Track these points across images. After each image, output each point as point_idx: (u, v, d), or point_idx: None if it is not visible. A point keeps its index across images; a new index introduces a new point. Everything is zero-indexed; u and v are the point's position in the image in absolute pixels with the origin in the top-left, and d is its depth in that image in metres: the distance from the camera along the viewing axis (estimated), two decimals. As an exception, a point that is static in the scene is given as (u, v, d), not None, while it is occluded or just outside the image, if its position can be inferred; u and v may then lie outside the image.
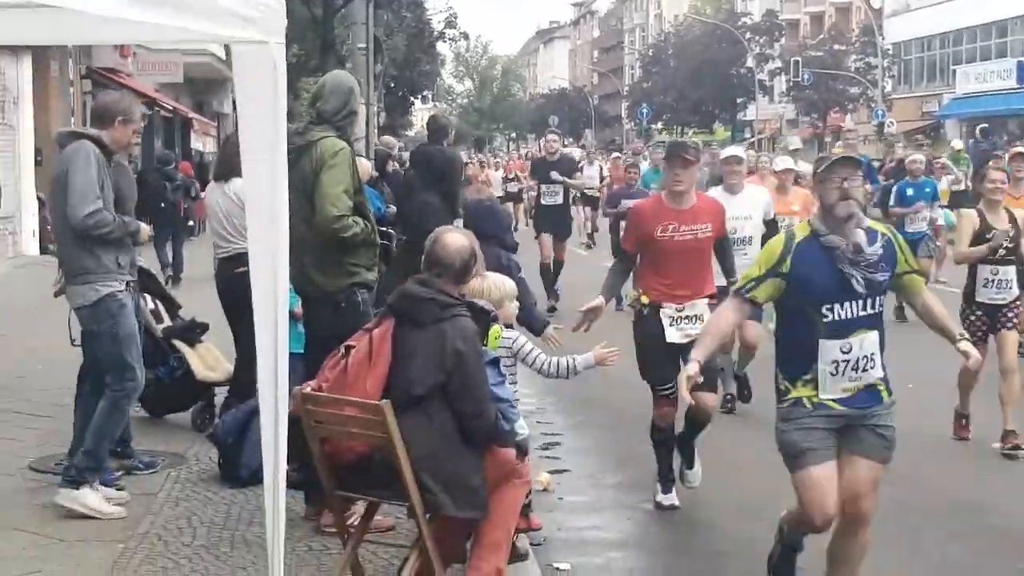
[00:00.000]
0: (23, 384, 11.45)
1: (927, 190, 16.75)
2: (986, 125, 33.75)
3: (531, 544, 7.07)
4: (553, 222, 17.21)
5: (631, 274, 10.03)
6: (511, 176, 36.33)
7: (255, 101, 5.20)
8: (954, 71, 58.97)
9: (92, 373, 8.16)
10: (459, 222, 10.54)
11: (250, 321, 5.44)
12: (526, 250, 10.84)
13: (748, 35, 71.80)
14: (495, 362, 6.59)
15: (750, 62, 69.82)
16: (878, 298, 5.89)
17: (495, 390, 6.41)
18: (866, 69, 65.72)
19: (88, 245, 7.57)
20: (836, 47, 69.42)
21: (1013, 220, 9.33)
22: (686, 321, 7.75)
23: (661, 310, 7.75)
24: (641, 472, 9.42)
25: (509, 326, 7.24)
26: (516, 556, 6.51)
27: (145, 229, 8.23)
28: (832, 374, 5.78)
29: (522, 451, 6.57)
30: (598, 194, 29.31)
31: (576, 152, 20.99)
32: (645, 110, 77.64)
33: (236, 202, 8.52)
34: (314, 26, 16.55)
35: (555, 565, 7.21)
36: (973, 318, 9.45)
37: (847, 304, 5.71)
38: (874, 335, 5.86)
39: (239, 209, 8.23)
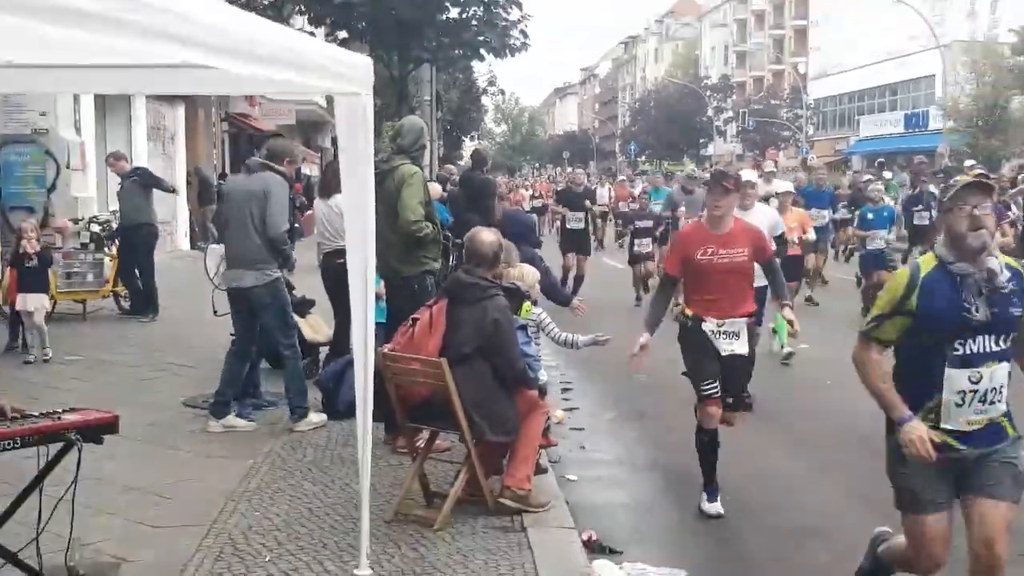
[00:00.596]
0: (178, 342, 11.54)
1: (885, 214, 15.52)
2: (883, 160, 34.18)
3: (549, 461, 7.09)
4: (577, 245, 16.29)
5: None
6: (537, 195, 35.50)
7: (351, 138, 5.20)
8: (858, 120, 59.40)
9: (241, 339, 8.30)
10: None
11: (346, 299, 5.55)
12: (550, 261, 10.72)
13: (708, 93, 72.28)
14: (523, 328, 6.76)
15: (709, 112, 70.30)
16: (1011, 333, 4.40)
17: (523, 348, 6.58)
18: (794, 118, 65.91)
19: (270, 245, 7.93)
20: (772, 102, 69.69)
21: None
22: (724, 336, 6.65)
23: (703, 323, 6.65)
24: (630, 410, 9.56)
25: (535, 302, 7.31)
26: (538, 470, 6.52)
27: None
28: (957, 405, 4.33)
29: (543, 392, 6.75)
30: (606, 209, 28.27)
31: (579, 174, 19.95)
32: (633, 147, 79.19)
33: (336, 212, 8.59)
34: (392, 83, 16.57)
35: (567, 476, 7.23)
36: None
37: (979, 338, 4.27)
38: (1004, 367, 4.42)
39: (338, 217, 8.24)
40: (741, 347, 6.64)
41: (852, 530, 6.33)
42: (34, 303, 10.26)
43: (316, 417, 8.12)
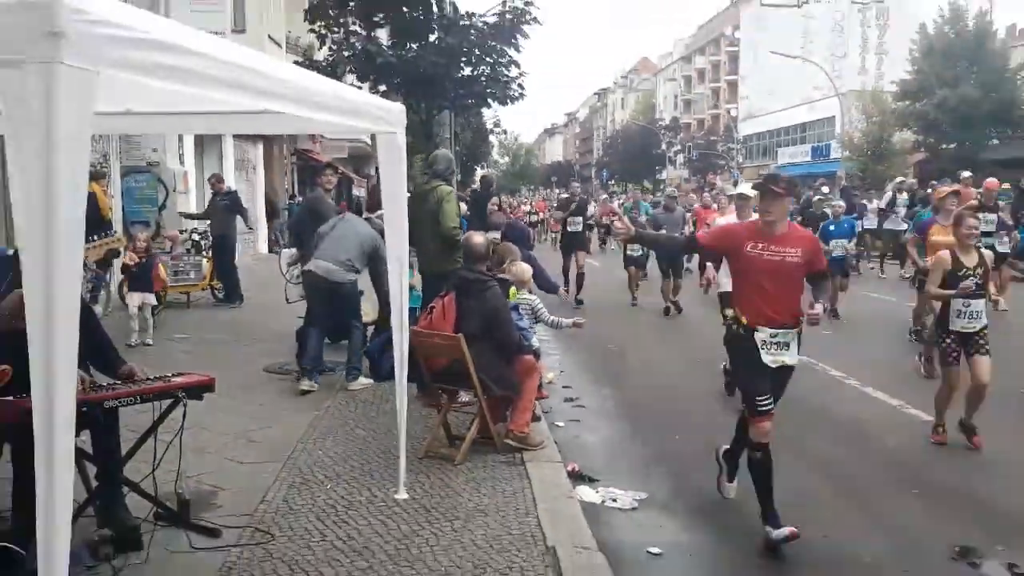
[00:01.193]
0: (258, 324, 11.53)
1: (845, 227, 13.89)
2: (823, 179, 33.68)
3: (542, 411, 7.10)
4: (577, 243, 15.41)
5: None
6: (534, 211, 35.33)
7: (389, 166, 5.21)
8: (777, 151, 59.22)
9: (316, 319, 8.37)
10: (494, 235, 10.80)
11: (386, 288, 5.62)
12: (546, 262, 10.50)
13: (662, 131, 72.18)
14: (515, 308, 6.78)
15: (663, 146, 70.16)
16: None
17: (517, 323, 6.62)
18: (728, 150, 66.03)
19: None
20: (711, 138, 69.71)
21: (982, 259, 6.87)
22: (776, 347, 5.01)
23: (755, 333, 5.00)
24: (602, 374, 9.45)
25: (531, 291, 7.28)
26: (534, 418, 6.56)
27: None
28: None
29: (536, 355, 6.74)
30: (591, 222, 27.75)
31: (576, 188, 19.12)
32: (605, 173, 79.51)
33: (378, 223, 8.68)
34: (420, 125, 16.64)
35: (555, 423, 7.24)
36: (946, 344, 6.76)
37: None
38: None
39: (381, 227, 8.36)
40: (792, 358, 5.10)
41: (780, 461, 6.39)
42: (138, 300, 10.23)
43: (364, 380, 8.12)
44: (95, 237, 6.97)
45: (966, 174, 17.24)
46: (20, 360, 4.09)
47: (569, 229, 16.06)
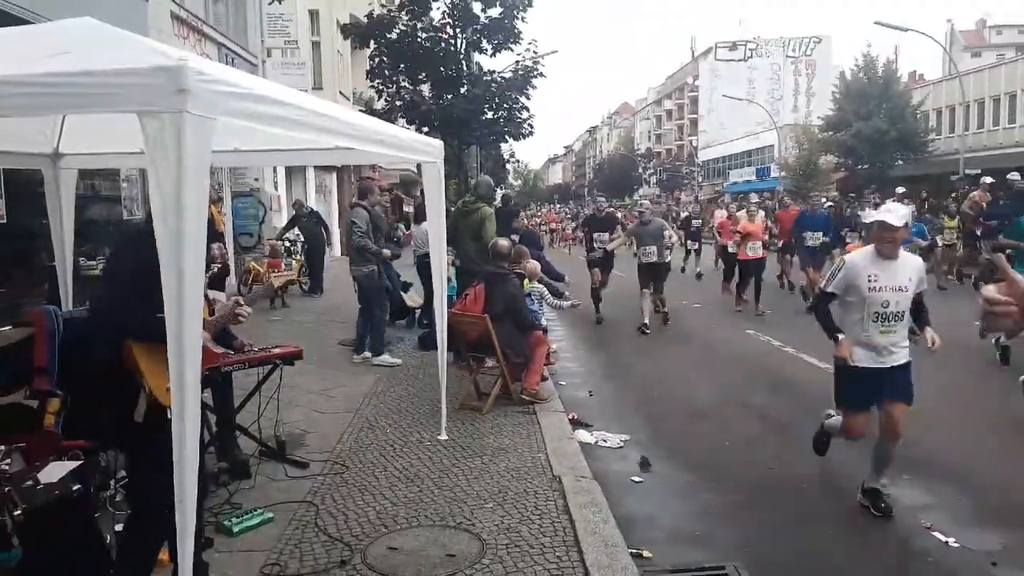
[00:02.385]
0: (334, 309, 11.45)
1: (820, 221, 11.56)
2: (744, 196, 33.17)
3: (549, 373, 7.04)
4: (603, 261, 10.96)
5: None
6: (543, 222, 34.62)
7: (431, 188, 5.22)
8: (728, 172, 58.24)
9: (365, 307, 8.12)
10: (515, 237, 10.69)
11: (430, 281, 5.64)
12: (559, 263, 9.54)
13: (639, 159, 70.85)
14: (529, 295, 6.79)
15: (640, 170, 69.02)
16: None
17: (530, 307, 6.65)
18: (690, 172, 65.28)
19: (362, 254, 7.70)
20: (677, 163, 68.87)
21: None
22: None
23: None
24: (596, 344, 9.36)
25: (541, 281, 7.28)
26: (543, 379, 6.55)
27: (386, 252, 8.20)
28: None
29: (545, 331, 6.73)
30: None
31: (602, 202, 14.16)
32: (595, 191, 78.16)
33: (424, 231, 8.66)
34: (453, 157, 16.67)
35: (559, 382, 7.21)
36: None
37: None
38: None
39: (424, 235, 8.31)
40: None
41: (732, 411, 6.39)
42: (212, 295, 10.31)
43: (389, 359, 7.73)
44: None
45: (900, 189, 16.74)
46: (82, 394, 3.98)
47: (596, 246, 11.63)
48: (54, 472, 3.36)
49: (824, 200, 14.29)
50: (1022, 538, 3.89)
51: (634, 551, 3.64)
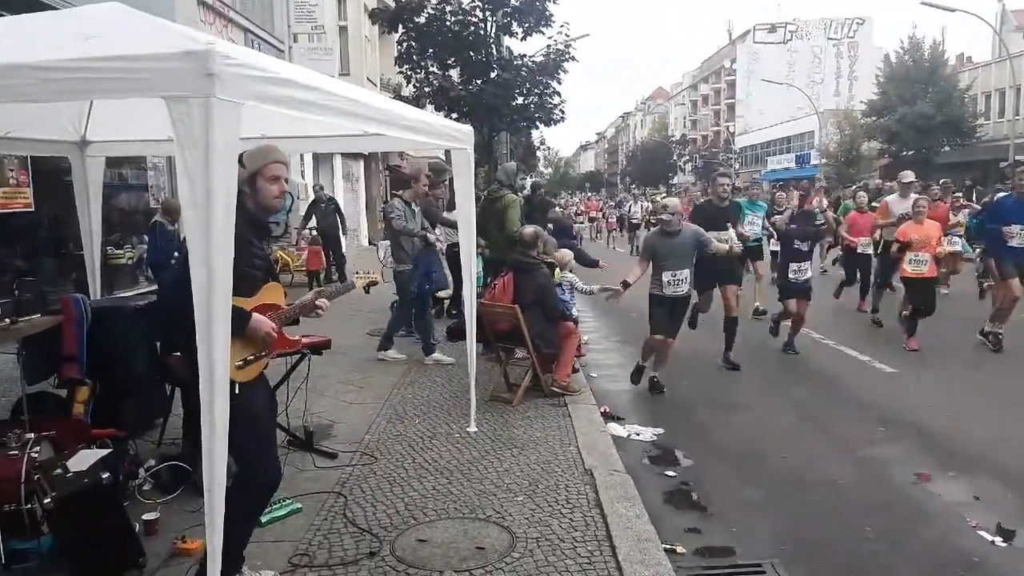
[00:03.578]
0: (362, 299, 11.36)
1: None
2: (783, 182, 32.34)
3: (580, 365, 7.02)
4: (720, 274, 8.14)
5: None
6: (580, 211, 31.35)
7: (461, 176, 5.22)
8: (767, 159, 57.44)
9: (398, 302, 8.06)
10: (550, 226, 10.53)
11: (459, 270, 5.61)
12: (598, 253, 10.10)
13: (673, 145, 69.97)
14: (559, 285, 6.73)
15: (675, 157, 68.13)
16: None
17: (561, 297, 6.60)
18: (727, 159, 64.42)
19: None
20: (713, 149, 67.87)
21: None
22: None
23: None
24: (625, 336, 9.03)
25: (571, 271, 7.16)
26: (574, 370, 6.54)
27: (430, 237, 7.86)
28: None
29: (575, 322, 6.66)
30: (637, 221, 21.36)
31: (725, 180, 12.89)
32: (628, 179, 77.21)
33: (452, 218, 8.62)
34: (483, 144, 16.55)
35: (591, 374, 7.19)
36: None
37: None
38: None
39: (454, 223, 8.29)
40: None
41: (766, 403, 6.29)
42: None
43: (394, 354, 7.60)
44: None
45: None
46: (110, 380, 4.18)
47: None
48: (84, 460, 3.44)
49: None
50: (1076, 541, 3.77)
51: (668, 546, 3.61)
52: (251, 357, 2.97)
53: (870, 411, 6.00)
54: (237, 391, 2.79)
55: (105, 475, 3.34)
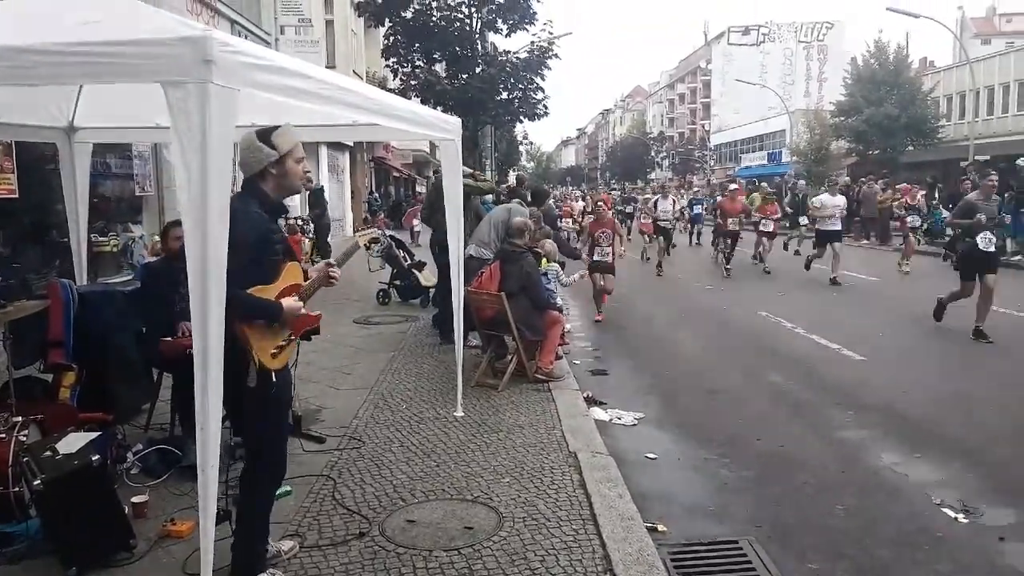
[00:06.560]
0: (350, 287, 11.17)
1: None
2: (755, 181, 32.60)
3: (564, 352, 6.97)
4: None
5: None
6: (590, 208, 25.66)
7: (448, 166, 5.18)
8: (740, 157, 57.65)
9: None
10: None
11: (446, 262, 5.57)
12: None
13: (651, 142, 70.03)
14: (545, 275, 6.71)
15: (652, 154, 68.25)
16: None
17: (547, 286, 6.59)
18: (702, 156, 64.76)
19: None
20: (689, 147, 68.19)
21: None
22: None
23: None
24: (609, 325, 9.19)
25: (555, 261, 7.15)
26: (557, 357, 6.53)
27: None
28: None
29: (560, 311, 6.62)
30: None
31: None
32: (608, 175, 77.16)
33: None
34: (468, 138, 16.42)
35: (574, 361, 7.15)
36: None
37: None
38: None
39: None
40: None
41: (743, 389, 6.36)
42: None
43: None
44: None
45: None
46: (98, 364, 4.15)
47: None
48: (73, 443, 3.38)
49: None
50: (1033, 516, 3.86)
51: (650, 525, 3.63)
52: (283, 343, 2.96)
53: (840, 396, 6.09)
54: (274, 379, 2.84)
55: (95, 457, 3.29)
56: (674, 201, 15.41)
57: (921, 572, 3.33)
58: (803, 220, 18.14)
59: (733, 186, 16.10)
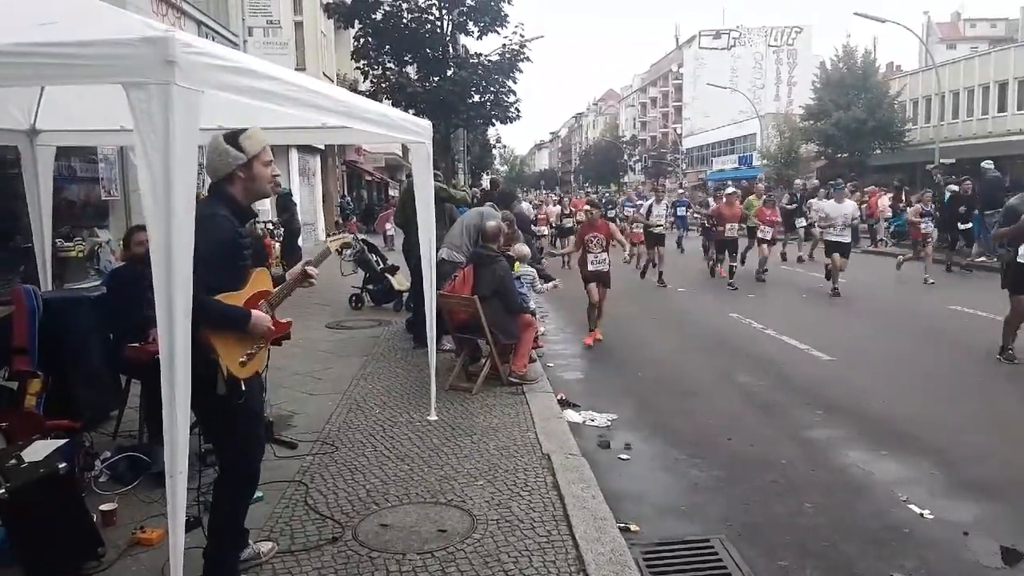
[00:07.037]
0: (321, 291, 11.13)
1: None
2: (727, 183, 32.97)
3: (537, 355, 7.02)
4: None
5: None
6: (568, 212, 20.09)
7: (419, 171, 5.12)
8: (712, 160, 58.42)
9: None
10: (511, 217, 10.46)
11: (417, 265, 5.53)
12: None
13: (624, 145, 70.55)
14: (518, 279, 6.73)
15: (625, 157, 68.70)
16: None
17: (520, 291, 6.61)
18: (674, 159, 65.38)
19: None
20: (662, 150, 68.90)
21: None
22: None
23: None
24: (582, 328, 9.15)
25: (529, 265, 7.22)
26: (531, 360, 6.55)
27: None
28: None
29: (533, 315, 6.65)
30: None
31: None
32: (582, 177, 77.40)
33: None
34: (440, 141, 16.38)
35: (547, 364, 7.19)
36: None
37: None
38: None
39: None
40: None
41: (714, 391, 6.42)
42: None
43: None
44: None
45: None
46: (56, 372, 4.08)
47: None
48: (39, 450, 3.31)
49: None
50: (993, 510, 3.97)
51: (622, 525, 3.65)
52: (252, 351, 2.93)
53: (809, 397, 6.18)
54: (243, 388, 2.80)
55: (61, 465, 3.22)
56: (667, 205, 14.54)
57: (888, 567, 3.39)
58: (800, 222, 17.65)
59: (730, 189, 14.02)
